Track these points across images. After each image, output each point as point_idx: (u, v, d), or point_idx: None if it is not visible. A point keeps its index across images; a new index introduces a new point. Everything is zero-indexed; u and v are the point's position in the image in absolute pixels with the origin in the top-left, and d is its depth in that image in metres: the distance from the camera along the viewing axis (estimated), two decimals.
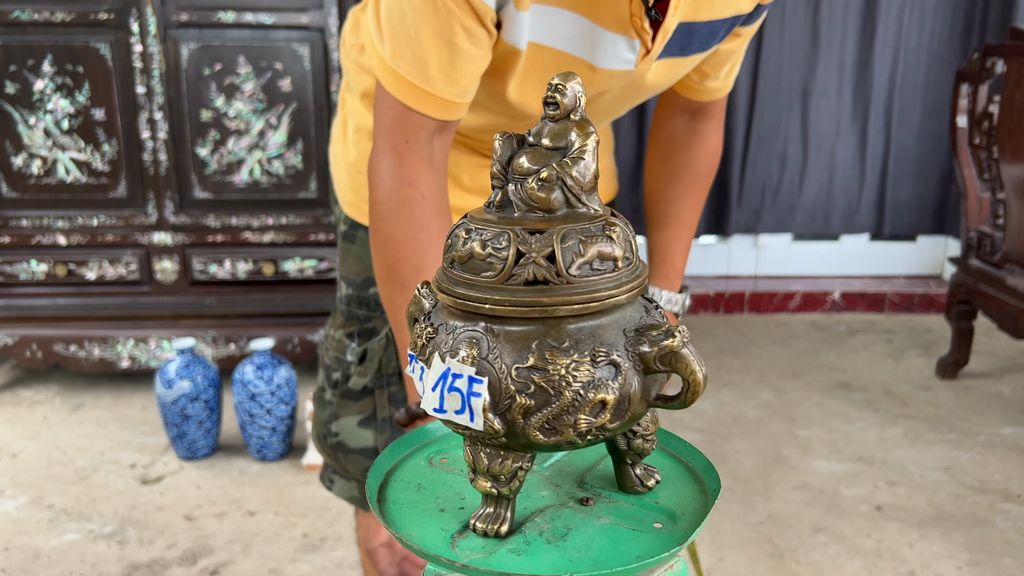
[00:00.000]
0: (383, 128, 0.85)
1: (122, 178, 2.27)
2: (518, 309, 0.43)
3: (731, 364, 2.66)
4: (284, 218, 2.29)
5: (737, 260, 3.25)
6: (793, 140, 3.06)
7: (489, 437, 0.45)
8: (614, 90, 0.94)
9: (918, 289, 3.14)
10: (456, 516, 0.49)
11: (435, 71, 0.81)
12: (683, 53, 0.92)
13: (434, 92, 0.82)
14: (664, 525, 0.49)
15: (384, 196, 0.84)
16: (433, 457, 0.55)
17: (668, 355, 0.45)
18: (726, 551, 1.71)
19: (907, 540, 1.75)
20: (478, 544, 0.47)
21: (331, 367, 1.11)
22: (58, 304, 2.32)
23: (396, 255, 0.84)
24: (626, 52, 0.87)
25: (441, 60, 0.80)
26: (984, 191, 2.43)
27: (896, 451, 2.11)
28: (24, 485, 1.95)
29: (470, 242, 0.45)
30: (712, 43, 0.93)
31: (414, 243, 0.83)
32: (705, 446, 2.13)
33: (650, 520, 0.49)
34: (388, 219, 0.84)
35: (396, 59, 0.81)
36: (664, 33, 0.86)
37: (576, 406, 0.43)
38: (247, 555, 1.70)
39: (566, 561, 0.45)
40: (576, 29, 0.84)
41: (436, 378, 0.45)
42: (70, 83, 2.20)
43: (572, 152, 0.46)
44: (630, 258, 0.46)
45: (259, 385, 1.98)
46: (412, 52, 0.80)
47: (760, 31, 2.92)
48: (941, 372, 2.56)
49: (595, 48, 0.86)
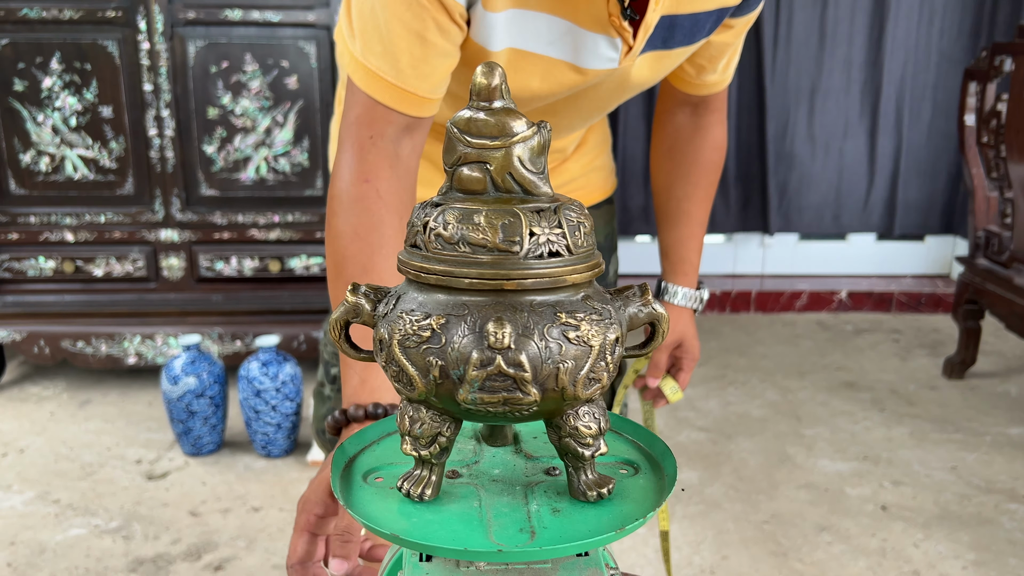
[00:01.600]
0: (349, 123, 0.83)
1: (129, 175, 2.28)
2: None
3: (737, 363, 2.66)
4: (290, 215, 2.30)
5: (744, 259, 3.24)
6: (801, 139, 3.05)
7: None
8: (601, 88, 0.94)
9: (925, 289, 3.13)
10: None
11: (406, 66, 0.80)
12: (666, 46, 0.91)
13: (405, 87, 0.81)
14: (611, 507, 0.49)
15: (340, 190, 0.82)
16: (368, 476, 0.54)
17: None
18: (730, 549, 1.71)
19: (912, 540, 1.74)
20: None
21: (330, 362, 1.11)
22: (65, 300, 2.33)
23: (344, 252, 0.81)
24: (608, 51, 0.87)
25: (412, 55, 0.80)
26: (992, 190, 2.42)
27: (902, 451, 2.11)
28: (31, 480, 1.96)
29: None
30: (698, 36, 0.92)
31: (364, 241, 0.80)
32: (710, 445, 2.13)
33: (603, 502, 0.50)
34: (341, 214, 0.82)
35: (367, 54, 0.81)
36: (646, 29, 0.85)
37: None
38: (251, 551, 1.70)
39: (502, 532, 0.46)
40: (556, 32, 0.84)
41: None
42: (78, 80, 2.21)
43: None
44: None
45: (264, 382, 1.99)
46: (383, 47, 0.80)
47: (768, 29, 2.91)
48: (948, 372, 2.55)
49: (577, 50, 0.85)
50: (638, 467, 0.54)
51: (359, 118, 0.82)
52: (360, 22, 0.81)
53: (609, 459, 0.55)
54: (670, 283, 1.16)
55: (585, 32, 0.84)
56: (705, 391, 2.45)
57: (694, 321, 1.19)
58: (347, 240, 0.81)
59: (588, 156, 1.15)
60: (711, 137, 1.12)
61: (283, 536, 1.75)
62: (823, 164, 3.08)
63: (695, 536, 1.75)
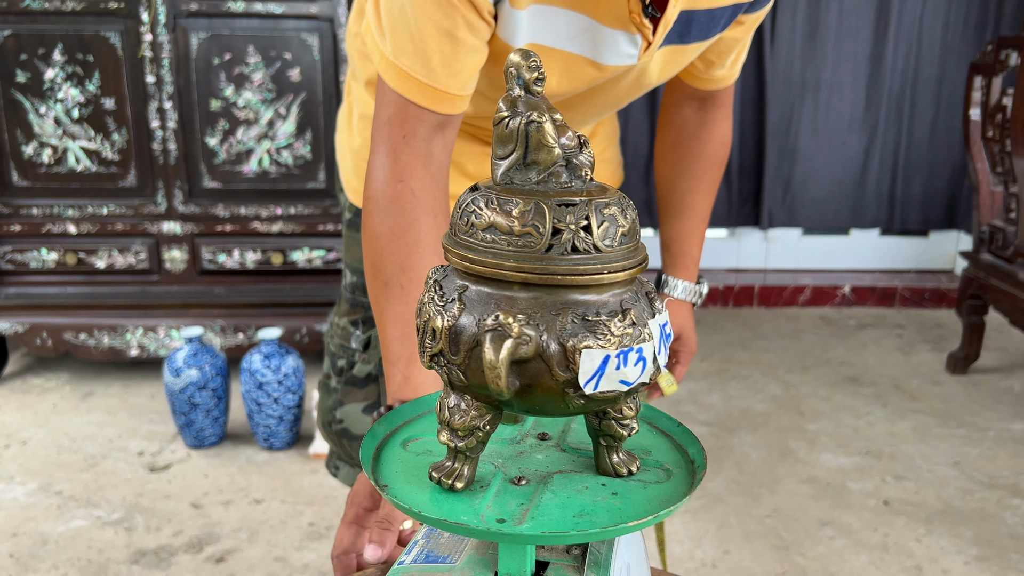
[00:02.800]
0: (381, 124, 0.84)
1: (132, 167, 2.28)
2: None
3: (739, 357, 2.65)
4: (293, 208, 2.29)
5: (747, 254, 3.23)
6: (804, 133, 3.04)
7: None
8: (618, 84, 0.94)
9: (929, 284, 3.12)
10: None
11: (437, 64, 0.80)
12: (682, 40, 0.91)
13: (436, 86, 0.81)
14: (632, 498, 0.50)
15: (375, 191, 0.83)
16: (408, 443, 0.55)
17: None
18: (731, 544, 1.71)
19: (914, 535, 1.74)
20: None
21: (336, 354, 1.11)
22: (68, 292, 2.33)
23: (381, 252, 0.81)
24: (628, 47, 0.86)
25: (443, 53, 0.80)
26: (997, 185, 2.41)
27: (904, 445, 2.10)
28: (33, 472, 1.96)
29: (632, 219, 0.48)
30: (713, 31, 0.92)
31: (401, 240, 0.81)
32: (712, 439, 2.13)
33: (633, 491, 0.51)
34: (376, 215, 0.82)
35: (398, 54, 0.81)
36: (665, 24, 0.85)
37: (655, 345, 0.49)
38: (253, 543, 1.71)
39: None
40: (576, 28, 0.84)
41: (658, 341, 0.48)
42: (80, 72, 2.20)
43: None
44: None
45: (267, 374, 1.99)
46: (414, 46, 0.80)
47: (772, 23, 2.90)
48: (951, 367, 2.54)
49: (597, 45, 0.85)
50: (671, 472, 0.55)
51: (391, 118, 0.82)
52: (390, 21, 0.81)
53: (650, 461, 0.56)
54: (670, 276, 1.16)
55: (605, 29, 0.84)
56: (707, 385, 2.45)
57: (692, 315, 1.19)
58: (384, 241, 0.81)
59: (598, 148, 1.15)
60: (717, 132, 1.12)
61: (284, 528, 1.75)
62: (827, 158, 3.07)
63: (697, 530, 1.75)
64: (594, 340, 0.45)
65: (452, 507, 0.47)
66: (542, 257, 0.44)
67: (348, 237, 1.11)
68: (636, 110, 2.98)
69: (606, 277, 0.45)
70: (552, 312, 0.45)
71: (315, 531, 1.75)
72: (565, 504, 0.48)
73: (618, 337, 0.45)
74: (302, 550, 1.69)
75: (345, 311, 1.11)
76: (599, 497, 0.49)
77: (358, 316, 1.09)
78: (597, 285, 0.45)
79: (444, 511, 0.47)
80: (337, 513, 1.81)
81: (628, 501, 0.49)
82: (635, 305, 0.47)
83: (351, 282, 1.11)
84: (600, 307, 0.45)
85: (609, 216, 0.46)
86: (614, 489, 0.50)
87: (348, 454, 1.11)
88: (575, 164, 0.48)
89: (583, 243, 0.45)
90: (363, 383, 1.08)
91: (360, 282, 1.09)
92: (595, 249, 0.45)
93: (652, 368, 0.47)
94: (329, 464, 1.17)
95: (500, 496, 0.49)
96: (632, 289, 0.48)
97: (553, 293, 0.45)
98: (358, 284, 1.09)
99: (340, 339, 1.11)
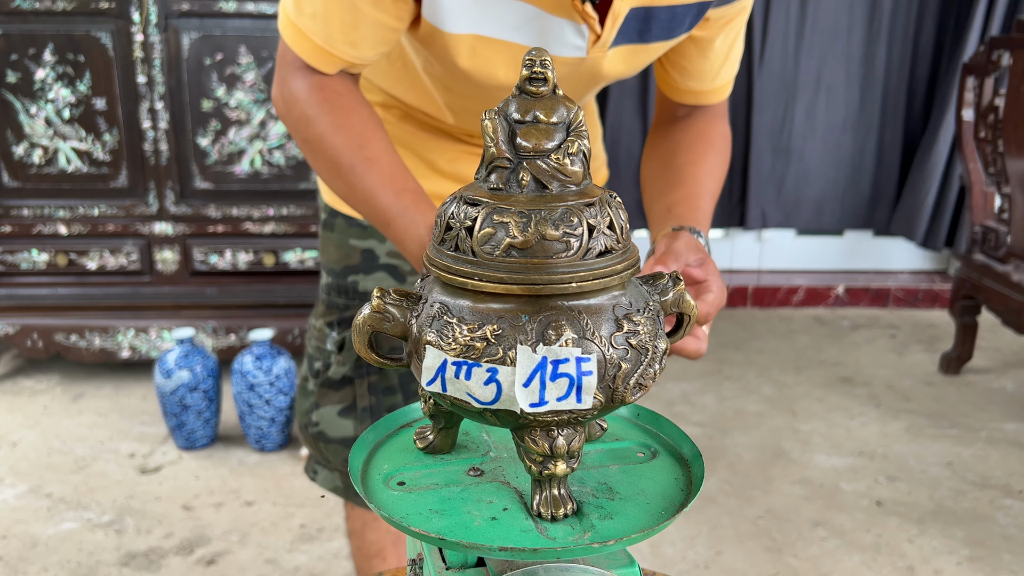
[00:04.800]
0: (283, 77, 0.86)
1: (123, 168, 2.27)
2: (599, 281, 0.44)
3: (733, 358, 2.65)
4: (285, 209, 2.29)
5: (741, 254, 3.23)
6: (798, 134, 3.04)
7: (583, 414, 0.45)
8: (570, 79, 0.90)
9: (922, 284, 3.12)
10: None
11: (337, 31, 0.81)
12: (643, 40, 0.88)
13: (334, 52, 0.82)
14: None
15: (300, 110, 0.84)
16: (390, 481, 0.53)
17: (678, 298, 0.50)
18: (724, 545, 1.70)
19: (907, 535, 1.74)
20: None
21: (313, 356, 1.10)
22: (59, 294, 2.32)
23: (333, 147, 0.82)
24: (575, 38, 0.84)
25: (344, 22, 0.80)
26: (989, 185, 2.41)
27: (897, 446, 2.10)
28: (23, 474, 1.95)
29: (534, 226, 0.44)
30: (678, 30, 0.89)
31: (347, 128, 0.82)
32: (705, 440, 2.13)
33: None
34: (313, 122, 0.83)
35: (299, 15, 0.82)
36: (614, 18, 0.83)
37: (654, 357, 0.46)
38: (244, 545, 1.70)
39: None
40: (521, 17, 0.82)
41: (528, 372, 0.44)
42: (71, 72, 2.19)
43: (576, 126, 0.47)
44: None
45: (258, 376, 1.98)
46: (314, 9, 0.81)
47: (764, 23, 2.90)
48: (944, 367, 2.54)
49: (544, 36, 0.83)
50: (656, 451, 0.54)
51: (291, 65, 0.85)
52: None
53: (627, 443, 0.54)
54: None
55: (551, 17, 0.82)
56: (701, 386, 2.45)
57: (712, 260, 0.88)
58: (331, 136, 0.82)
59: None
60: (712, 131, 1.00)
61: (276, 530, 1.75)
62: (820, 159, 3.07)
63: (689, 531, 1.75)
64: (437, 339, 0.44)
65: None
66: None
67: (323, 237, 1.10)
68: (628, 113, 2.97)
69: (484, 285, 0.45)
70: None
71: (306, 533, 1.74)
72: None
73: (461, 345, 0.44)
74: (293, 552, 1.68)
75: (321, 312, 1.10)
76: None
77: (333, 317, 1.08)
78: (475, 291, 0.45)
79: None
80: (329, 515, 1.80)
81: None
82: (516, 327, 0.44)
83: (327, 283, 1.09)
84: (485, 317, 0.44)
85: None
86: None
87: (325, 457, 1.10)
88: (541, 166, 0.46)
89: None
90: (339, 385, 1.07)
91: (335, 282, 1.08)
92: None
93: (513, 397, 0.44)
94: (308, 468, 1.15)
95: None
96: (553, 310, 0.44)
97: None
98: (333, 285, 1.08)
99: (316, 341, 1.10)
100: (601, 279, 0.44)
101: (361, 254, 1.05)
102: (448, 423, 0.52)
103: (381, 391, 1.05)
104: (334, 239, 1.07)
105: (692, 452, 0.52)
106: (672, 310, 0.50)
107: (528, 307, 0.44)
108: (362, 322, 0.48)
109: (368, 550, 1.16)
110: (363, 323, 0.48)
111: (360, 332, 0.48)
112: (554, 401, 0.44)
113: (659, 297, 0.49)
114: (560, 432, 0.45)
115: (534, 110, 0.46)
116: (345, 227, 1.05)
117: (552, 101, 0.47)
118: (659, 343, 0.46)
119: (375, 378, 1.06)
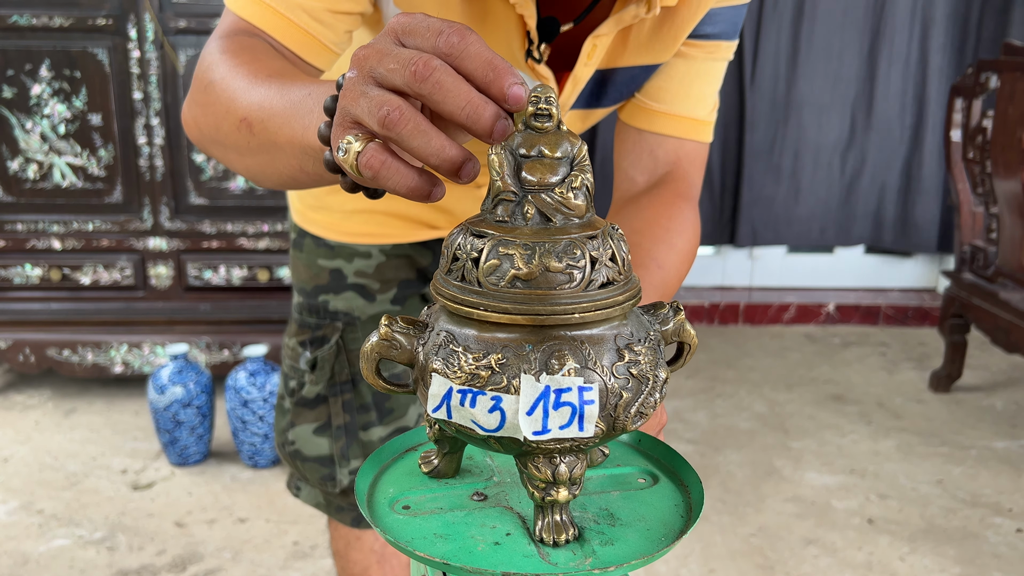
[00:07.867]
0: (211, 44, 0.73)
1: (118, 183, 2.27)
2: (601, 312, 0.45)
3: (724, 375, 2.66)
4: (279, 225, 2.29)
5: (732, 272, 3.25)
6: (789, 152, 3.07)
7: (584, 442, 0.46)
8: None
9: (912, 302, 3.14)
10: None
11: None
12: (597, 104, 0.84)
13: (291, 17, 0.73)
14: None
15: (210, 52, 0.72)
16: (395, 505, 0.53)
17: (679, 328, 0.51)
18: (717, 563, 1.71)
19: (898, 553, 1.75)
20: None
21: (288, 375, 1.11)
22: (52, 308, 2.32)
23: (246, 80, 0.66)
24: None
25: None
26: (977, 205, 2.44)
27: (888, 464, 2.12)
28: (14, 490, 1.94)
29: (538, 258, 0.45)
30: (631, 91, 0.87)
31: (262, 60, 0.69)
32: (697, 457, 2.13)
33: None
34: (220, 60, 0.70)
35: None
36: (574, 82, 0.81)
37: (654, 386, 0.47)
38: (237, 562, 1.69)
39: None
40: None
41: (531, 401, 0.44)
42: (67, 88, 2.20)
43: (580, 161, 0.48)
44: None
45: (252, 392, 1.98)
46: None
47: (756, 44, 2.93)
48: (934, 385, 2.56)
49: None
50: (657, 477, 0.56)
51: (228, 28, 0.75)
52: None
53: (629, 469, 0.55)
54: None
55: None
56: (693, 403, 2.46)
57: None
58: (245, 67, 0.67)
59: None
60: (679, 225, 0.85)
61: (269, 547, 1.74)
62: (811, 177, 3.09)
63: (681, 549, 1.75)
64: (443, 367, 0.45)
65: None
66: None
67: (293, 257, 1.10)
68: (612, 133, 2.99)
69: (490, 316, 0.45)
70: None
71: (300, 550, 1.74)
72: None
73: (467, 374, 0.45)
74: (286, 569, 1.68)
75: (294, 331, 1.10)
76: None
77: (306, 336, 1.08)
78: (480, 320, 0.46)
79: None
80: (322, 532, 1.80)
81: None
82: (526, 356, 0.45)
83: (298, 302, 1.10)
84: (490, 346, 0.45)
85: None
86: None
87: (303, 475, 1.11)
88: (545, 199, 0.47)
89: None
90: (313, 404, 1.07)
91: (306, 302, 1.08)
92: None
93: (516, 425, 0.44)
94: (290, 484, 1.16)
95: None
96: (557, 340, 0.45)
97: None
98: (304, 304, 1.08)
99: (290, 360, 1.10)
100: (603, 310, 0.45)
101: (329, 274, 1.06)
102: (453, 448, 0.53)
103: (356, 409, 1.06)
104: (303, 259, 1.08)
105: (692, 479, 0.53)
106: (672, 339, 0.51)
107: (532, 337, 0.45)
108: (370, 349, 0.49)
109: (352, 570, 1.17)
110: (371, 350, 0.49)
111: (368, 359, 0.49)
112: (557, 429, 0.45)
113: (660, 327, 0.50)
114: (562, 459, 0.46)
115: (539, 145, 0.47)
116: (313, 247, 1.06)
117: (556, 136, 0.47)
118: (660, 372, 0.47)
119: (349, 396, 1.06)
